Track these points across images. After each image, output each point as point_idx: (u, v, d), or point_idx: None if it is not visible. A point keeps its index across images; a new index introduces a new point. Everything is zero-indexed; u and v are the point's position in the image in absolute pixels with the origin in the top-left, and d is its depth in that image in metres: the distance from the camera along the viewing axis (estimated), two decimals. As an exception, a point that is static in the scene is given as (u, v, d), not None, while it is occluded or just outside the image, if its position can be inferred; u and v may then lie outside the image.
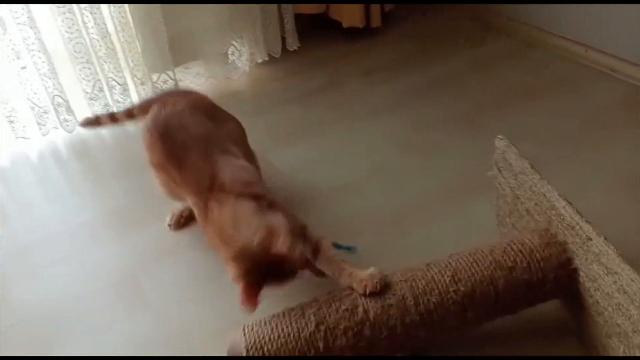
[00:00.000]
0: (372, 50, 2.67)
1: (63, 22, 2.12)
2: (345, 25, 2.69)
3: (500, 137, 1.40)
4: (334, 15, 2.71)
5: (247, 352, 1.14)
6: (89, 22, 2.17)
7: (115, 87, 2.33)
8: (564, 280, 1.23)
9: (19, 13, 2.04)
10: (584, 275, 1.19)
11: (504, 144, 1.39)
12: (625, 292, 1.06)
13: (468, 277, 1.21)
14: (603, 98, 2.11)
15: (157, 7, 2.27)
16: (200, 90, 1.96)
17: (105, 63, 2.27)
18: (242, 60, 2.57)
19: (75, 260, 1.73)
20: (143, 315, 1.53)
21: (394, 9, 2.82)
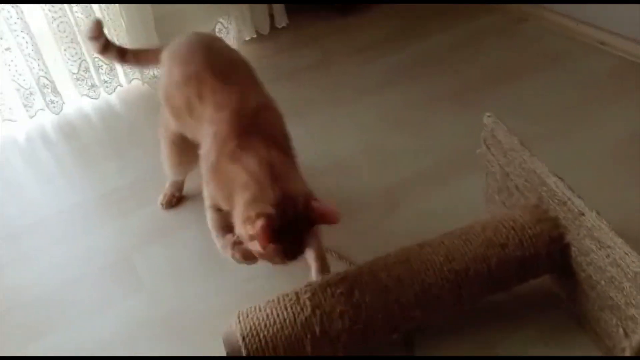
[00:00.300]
0: (362, 26, 2.64)
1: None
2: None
3: (488, 114, 1.39)
4: (323, -10, 2.68)
5: (242, 339, 1.13)
6: None
7: (102, 66, 2.30)
8: (556, 256, 1.24)
9: (1, -8, 2.00)
10: (576, 250, 1.21)
11: (492, 121, 1.38)
12: (618, 265, 1.08)
13: (461, 255, 1.22)
14: (593, 72, 2.11)
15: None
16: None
17: (91, 42, 2.23)
18: (229, 38, 2.54)
19: (68, 243, 1.72)
20: (138, 296, 1.54)
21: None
